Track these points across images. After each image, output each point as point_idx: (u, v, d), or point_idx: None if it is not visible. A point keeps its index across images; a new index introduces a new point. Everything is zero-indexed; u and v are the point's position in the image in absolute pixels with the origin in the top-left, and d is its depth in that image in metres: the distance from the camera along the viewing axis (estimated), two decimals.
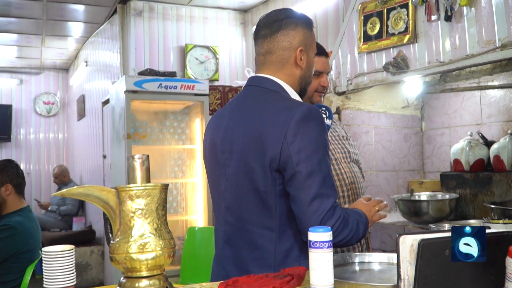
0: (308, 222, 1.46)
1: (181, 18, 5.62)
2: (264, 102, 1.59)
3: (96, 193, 1.05)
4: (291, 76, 1.66)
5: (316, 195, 1.46)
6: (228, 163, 1.61)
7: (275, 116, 1.52)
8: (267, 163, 1.50)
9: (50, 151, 8.82)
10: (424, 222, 3.01)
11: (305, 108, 1.52)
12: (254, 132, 1.54)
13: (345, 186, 2.15)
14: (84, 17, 6.02)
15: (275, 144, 1.49)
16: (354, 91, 3.63)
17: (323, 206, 1.46)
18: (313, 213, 1.46)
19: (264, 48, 1.67)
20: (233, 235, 1.62)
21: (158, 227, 1.07)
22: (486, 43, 2.63)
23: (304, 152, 1.47)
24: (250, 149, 1.54)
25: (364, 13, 3.36)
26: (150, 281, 1.06)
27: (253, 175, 1.53)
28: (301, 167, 1.46)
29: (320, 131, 1.51)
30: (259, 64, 1.70)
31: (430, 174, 4.05)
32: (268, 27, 1.66)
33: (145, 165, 1.09)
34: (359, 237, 1.57)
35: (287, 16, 1.66)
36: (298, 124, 1.48)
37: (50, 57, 7.91)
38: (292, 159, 1.47)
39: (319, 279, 1.19)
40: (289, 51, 1.65)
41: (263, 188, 1.52)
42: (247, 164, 1.55)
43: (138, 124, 4.81)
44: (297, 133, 1.47)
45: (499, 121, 3.48)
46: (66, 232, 6.79)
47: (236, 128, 1.61)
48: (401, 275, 1.12)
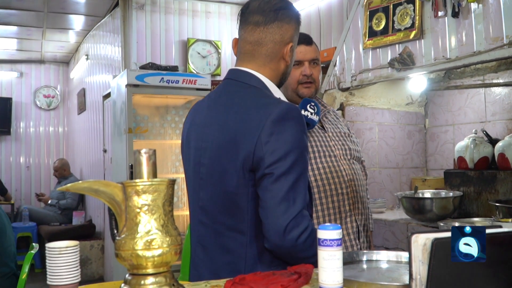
0: (271, 227, 1.38)
1: (184, 12, 5.58)
2: (242, 99, 1.51)
3: (102, 188, 1.02)
4: (275, 71, 1.58)
5: (283, 199, 1.37)
6: (203, 162, 1.54)
7: (251, 115, 1.44)
8: (240, 164, 1.42)
9: (50, 145, 8.80)
10: (427, 220, 2.99)
11: (283, 107, 1.43)
12: (229, 130, 1.46)
13: (344, 183, 2.12)
14: (86, 9, 5.98)
15: (249, 143, 1.41)
16: (358, 87, 3.61)
17: (289, 211, 1.36)
18: (277, 217, 1.37)
19: (255, 36, 1.55)
20: (207, 237, 1.55)
21: (164, 223, 1.04)
22: (494, 40, 2.61)
23: (277, 153, 1.38)
24: (224, 148, 1.46)
25: (369, 8, 3.33)
26: (156, 279, 1.04)
27: (225, 176, 1.45)
28: (272, 169, 1.38)
29: (298, 131, 1.42)
30: (245, 53, 1.58)
31: (433, 172, 4.03)
32: (262, 14, 1.54)
33: (152, 159, 1.07)
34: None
35: (283, 6, 1.57)
36: (274, 123, 1.40)
37: (50, 50, 7.87)
38: (265, 160, 1.38)
39: (328, 277, 1.17)
40: (279, 46, 1.56)
41: (235, 190, 1.44)
42: (221, 164, 1.47)
43: (140, 119, 4.79)
44: (272, 133, 1.39)
45: (504, 119, 3.45)
46: (66, 226, 6.77)
47: (211, 125, 1.53)
48: (413, 274, 1.10)
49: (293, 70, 2.13)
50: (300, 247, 1.39)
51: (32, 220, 6.91)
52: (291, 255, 1.42)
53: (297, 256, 1.41)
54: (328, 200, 2.09)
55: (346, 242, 2.11)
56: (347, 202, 2.12)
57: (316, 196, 2.08)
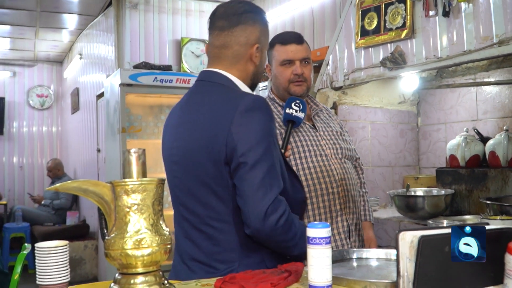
0: (251, 213, 1.44)
1: (177, 11, 5.58)
2: (210, 96, 1.57)
3: (91, 187, 1.02)
4: (243, 72, 1.64)
5: (260, 185, 1.43)
6: (176, 160, 1.60)
7: (219, 109, 1.51)
8: (216, 157, 1.48)
9: (44, 145, 8.77)
10: (419, 218, 3.01)
11: (249, 98, 1.51)
12: (201, 127, 1.53)
13: (335, 182, 2.13)
14: (79, 9, 5.97)
15: (220, 136, 1.47)
16: (351, 86, 3.62)
17: (267, 197, 1.43)
18: (256, 203, 1.43)
19: (220, 41, 1.63)
20: (193, 231, 1.58)
21: (154, 223, 1.05)
22: (484, 39, 2.62)
23: (248, 142, 1.45)
24: (197, 144, 1.52)
25: (361, 7, 3.34)
26: (146, 278, 1.04)
27: (203, 171, 1.51)
28: (245, 158, 1.44)
29: (266, 121, 1.49)
30: (213, 56, 1.66)
31: (425, 170, 4.05)
32: (226, 19, 1.62)
33: (142, 159, 1.07)
34: (302, 251, 1.50)
35: (247, 10, 1.64)
36: (242, 114, 1.47)
37: (44, 49, 7.84)
38: (237, 150, 1.45)
39: (317, 275, 1.18)
40: (245, 47, 1.63)
41: (215, 182, 1.50)
42: (196, 161, 1.52)
43: (133, 118, 4.78)
44: (241, 124, 1.46)
45: (495, 117, 3.47)
46: (59, 227, 6.75)
47: (183, 125, 1.60)
48: (400, 271, 1.11)
49: (284, 69, 2.15)
50: (279, 231, 1.45)
51: (25, 221, 6.88)
52: (271, 239, 1.47)
53: (276, 240, 1.47)
54: (319, 199, 2.10)
55: (337, 241, 2.12)
56: (338, 201, 2.13)
57: (307, 196, 2.09)
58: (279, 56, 2.17)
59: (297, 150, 2.12)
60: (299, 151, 2.12)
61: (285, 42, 2.16)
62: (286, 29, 4.95)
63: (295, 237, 1.49)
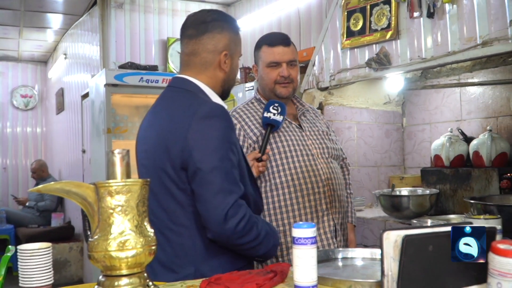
0: (211, 218, 1.47)
1: (163, 11, 5.56)
2: (174, 102, 1.63)
3: (74, 189, 1.02)
4: (213, 79, 1.69)
5: (218, 190, 1.46)
6: (144, 163, 1.65)
7: (179, 115, 1.55)
8: (173, 162, 1.52)
9: (28, 146, 8.68)
10: (405, 217, 3.03)
11: (208, 106, 1.55)
12: (162, 132, 1.57)
13: (321, 182, 2.13)
14: (64, 8, 5.92)
15: (178, 142, 1.51)
16: (337, 86, 3.63)
17: (226, 201, 1.46)
18: (215, 208, 1.46)
19: (189, 48, 1.68)
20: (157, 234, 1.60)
21: (138, 224, 1.04)
22: (468, 40, 2.65)
23: (205, 149, 1.49)
24: (159, 150, 1.56)
25: (347, 8, 3.36)
26: (131, 279, 1.04)
27: (164, 175, 1.55)
28: (201, 164, 1.48)
29: (224, 128, 1.53)
30: (183, 64, 1.72)
31: (410, 170, 4.08)
32: (195, 27, 1.69)
33: (126, 160, 1.07)
34: (266, 251, 1.58)
35: (215, 18, 1.69)
36: (199, 121, 1.51)
37: (28, 49, 7.76)
38: (193, 156, 1.48)
39: (302, 275, 1.18)
40: (213, 54, 1.67)
41: (175, 186, 1.54)
42: (157, 165, 1.57)
43: (119, 119, 4.75)
44: (198, 130, 1.50)
45: (478, 118, 3.51)
46: (44, 228, 6.68)
47: (150, 129, 1.66)
48: (384, 271, 1.12)
49: (270, 71, 2.16)
50: (240, 234, 1.48)
51: (9, 222, 6.81)
52: (232, 242, 1.51)
53: (238, 243, 1.51)
54: (305, 199, 2.10)
55: (323, 240, 2.13)
56: (324, 201, 2.13)
57: (293, 195, 2.09)
58: (266, 57, 2.17)
59: (283, 150, 2.12)
60: (285, 150, 2.12)
61: (272, 44, 2.17)
62: (272, 29, 4.95)
63: (258, 238, 1.53)
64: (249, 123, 2.16)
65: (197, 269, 1.53)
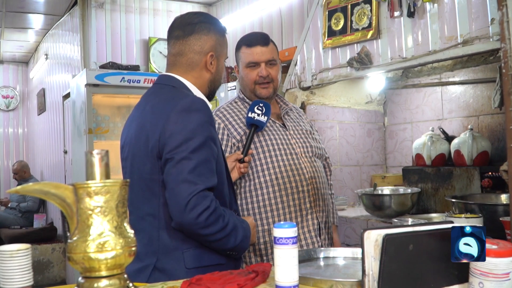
0: (173, 206, 1.49)
1: (144, 11, 5.52)
2: (158, 97, 1.66)
3: (52, 190, 1.00)
4: (199, 79, 1.73)
5: (183, 180, 1.48)
6: (125, 156, 1.70)
7: (160, 107, 1.59)
8: (150, 151, 1.56)
9: (10, 146, 8.57)
10: (386, 216, 3.05)
11: (189, 99, 1.59)
12: (142, 124, 1.62)
13: (305, 180, 2.14)
14: (44, 8, 5.85)
15: (156, 132, 1.55)
16: (319, 86, 3.64)
17: (189, 190, 1.47)
18: (177, 196, 1.48)
19: (176, 49, 1.72)
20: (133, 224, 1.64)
21: (118, 225, 1.03)
22: (448, 39, 2.67)
23: (178, 139, 1.51)
24: (139, 140, 1.61)
25: (328, 8, 3.37)
26: (110, 281, 1.02)
27: (141, 165, 1.60)
28: (173, 154, 1.51)
29: (202, 121, 1.56)
30: (169, 64, 1.76)
31: (392, 169, 4.11)
32: (182, 29, 1.73)
33: (105, 160, 1.05)
34: (236, 243, 1.59)
35: (201, 20, 1.73)
36: (178, 113, 1.54)
37: (9, 49, 7.68)
38: (167, 146, 1.52)
39: (284, 275, 1.18)
40: (199, 55, 1.71)
41: (149, 176, 1.58)
42: (136, 155, 1.62)
43: (100, 119, 4.72)
44: (176, 122, 1.53)
45: (460, 117, 3.54)
46: (26, 230, 6.62)
47: (132, 124, 1.70)
48: (365, 270, 1.12)
49: (250, 71, 2.17)
50: (202, 224, 1.49)
51: None
52: (195, 232, 1.52)
53: (200, 233, 1.52)
54: (289, 198, 2.10)
55: (307, 239, 2.13)
56: (308, 199, 2.14)
57: (277, 194, 2.09)
58: (245, 58, 2.19)
59: (267, 149, 2.13)
60: (269, 149, 2.13)
61: (250, 44, 2.18)
62: (254, 29, 4.95)
63: (223, 230, 1.53)
64: (232, 122, 2.16)
65: (158, 260, 1.56)
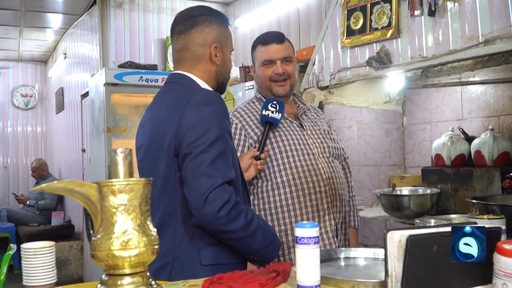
0: (193, 200, 1.46)
1: (162, 11, 5.55)
2: (170, 94, 1.66)
3: (77, 188, 1.01)
4: (206, 72, 1.71)
5: (202, 173, 1.46)
6: (141, 157, 1.68)
7: (173, 104, 1.59)
8: (167, 149, 1.54)
9: (28, 145, 8.67)
10: (405, 217, 3.02)
11: (202, 93, 1.58)
12: (157, 122, 1.61)
13: (322, 181, 2.13)
14: (63, 8, 5.91)
15: (171, 129, 1.53)
16: (337, 85, 3.63)
17: (208, 184, 1.45)
18: (196, 190, 1.46)
19: (179, 44, 1.71)
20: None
21: (141, 223, 1.04)
22: (469, 39, 2.64)
23: (194, 133, 1.50)
24: (154, 140, 1.60)
25: (347, 7, 3.35)
26: (133, 279, 1.03)
27: (156, 163, 1.58)
28: (190, 148, 1.49)
29: (217, 115, 1.54)
30: (175, 61, 1.75)
31: (410, 169, 4.07)
32: (183, 23, 1.71)
33: (128, 159, 1.06)
34: (264, 247, 1.54)
35: (202, 13, 1.71)
36: (192, 108, 1.53)
37: (28, 49, 7.76)
38: (183, 141, 1.50)
39: (305, 275, 1.18)
40: (203, 48, 1.69)
41: (165, 174, 1.56)
42: (152, 154, 1.60)
43: (119, 118, 4.75)
44: (190, 116, 1.52)
45: (480, 117, 3.50)
46: (44, 227, 6.69)
47: (146, 124, 1.69)
48: (388, 271, 1.11)
49: (265, 69, 2.18)
50: (223, 220, 1.46)
51: (10, 221, 6.82)
52: (216, 228, 1.49)
53: (222, 229, 1.48)
54: (306, 198, 2.09)
55: (324, 240, 2.12)
56: (325, 200, 2.13)
57: (294, 195, 2.09)
58: (260, 56, 2.20)
59: (285, 149, 2.12)
60: (286, 150, 2.12)
61: (265, 43, 2.19)
62: (272, 28, 4.95)
63: (247, 228, 1.50)
64: (250, 122, 2.16)
65: (176, 258, 1.53)
